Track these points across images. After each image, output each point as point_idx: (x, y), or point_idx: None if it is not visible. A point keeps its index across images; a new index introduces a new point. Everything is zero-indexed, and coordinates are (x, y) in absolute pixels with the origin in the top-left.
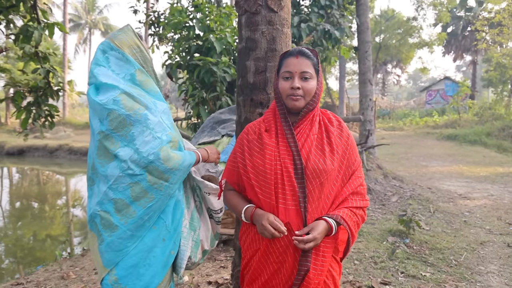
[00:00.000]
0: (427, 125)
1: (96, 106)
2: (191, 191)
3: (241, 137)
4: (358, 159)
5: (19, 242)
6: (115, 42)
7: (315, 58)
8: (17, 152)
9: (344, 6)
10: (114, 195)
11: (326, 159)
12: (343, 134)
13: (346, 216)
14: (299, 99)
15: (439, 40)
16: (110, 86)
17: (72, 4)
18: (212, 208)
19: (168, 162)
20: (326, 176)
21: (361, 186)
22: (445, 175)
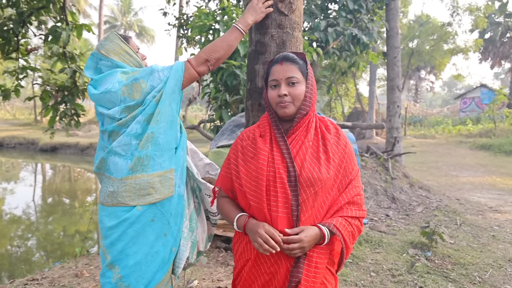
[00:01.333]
0: (460, 134)
1: (105, 96)
2: (191, 192)
3: (235, 143)
4: (356, 168)
5: (49, 236)
6: (102, 52)
7: (302, 61)
8: (50, 149)
9: (373, 10)
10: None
11: (321, 167)
12: (340, 142)
13: (340, 225)
14: (288, 105)
15: (475, 47)
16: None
17: (108, 6)
18: (210, 211)
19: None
20: (321, 185)
21: (358, 196)
22: (476, 186)
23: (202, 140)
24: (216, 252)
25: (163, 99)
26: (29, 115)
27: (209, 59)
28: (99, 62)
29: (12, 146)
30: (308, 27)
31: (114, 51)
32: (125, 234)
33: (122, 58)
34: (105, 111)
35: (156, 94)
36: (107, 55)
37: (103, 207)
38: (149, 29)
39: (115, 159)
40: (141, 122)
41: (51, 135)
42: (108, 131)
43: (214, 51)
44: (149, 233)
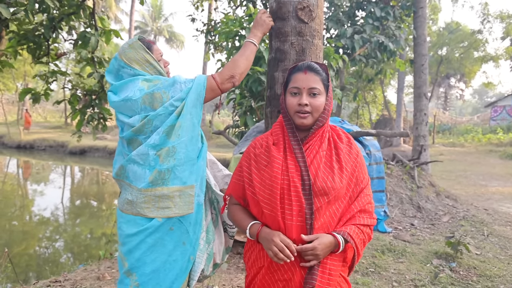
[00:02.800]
0: (490, 143)
1: (126, 104)
2: (209, 203)
3: (248, 150)
4: (366, 176)
5: (76, 238)
6: (124, 59)
7: (324, 73)
8: (79, 151)
9: (401, 18)
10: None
11: (335, 176)
12: (352, 151)
13: (354, 234)
14: (307, 117)
15: (506, 55)
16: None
17: (139, 11)
18: (228, 223)
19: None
20: (334, 193)
21: (369, 204)
22: (506, 197)
23: (229, 146)
24: (237, 258)
25: (184, 113)
26: (59, 118)
27: (234, 75)
28: (121, 69)
29: (42, 148)
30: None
31: (136, 60)
32: (144, 242)
33: (144, 67)
34: (125, 119)
35: (177, 105)
36: (129, 64)
37: (121, 215)
38: (179, 34)
39: (134, 168)
40: (160, 133)
41: (79, 138)
42: (126, 138)
43: (237, 67)
44: (168, 242)
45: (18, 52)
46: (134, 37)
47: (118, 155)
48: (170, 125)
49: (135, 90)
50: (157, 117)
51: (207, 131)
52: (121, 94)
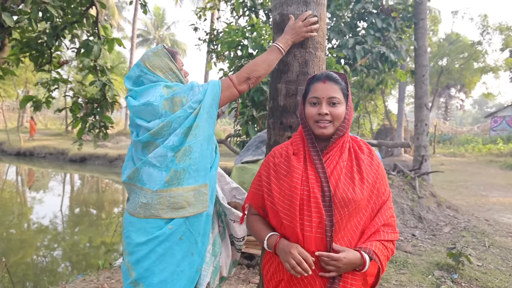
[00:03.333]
0: (491, 153)
1: (147, 108)
2: (216, 216)
3: (267, 160)
4: (388, 189)
5: (75, 247)
6: (148, 66)
7: (343, 82)
8: (79, 159)
9: (402, 29)
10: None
11: (355, 187)
12: (373, 163)
13: (378, 250)
14: (327, 126)
15: (505, 66)
16: (149, 87)
17: (142, 20)
18: (235, 236)
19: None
20: (355, 205)
21: (392, 217)
22: (506, 207)
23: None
24: (238, 269)
25: (201, 113)
26: (60, 126)
27: (250, 77)
28: (143, 75)
29: (42, 155)
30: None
31: (160, 67)
32: (153, 251)
33: (167, 75)
34: (144, 123)
35: (195, 107)
36: (153, 70)
37: (132, 221)
38: (181, 43)
39: (150, 170)
40: (179, 134)
41: (80, 147)
42: (142, 142)
43: (255, 70)
44: (177, 252)
45: (21, 59)
46: (158, 45)
47: (128, 161)
48: (188, 126)
49: (156, 96)
50: (176, 119)
51: None
52: (141, 99)
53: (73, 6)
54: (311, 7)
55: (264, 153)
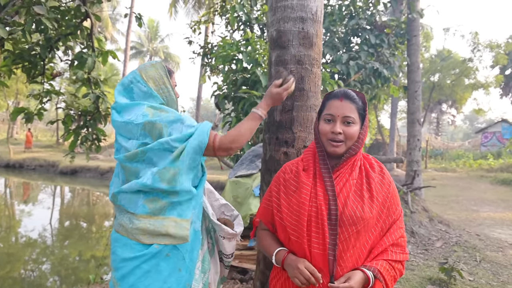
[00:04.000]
0: (481, 168)
1: (127, 126)
2: (205, 232)
3: (278, 175)
4: (399, 208)
5: (64, 261)
6: (143, 76)
7: (361, 102)
8: (70, 172)
9: (395, 45)
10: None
11: (364, 206)
12: (384, 181)
13: (383, 270)
14: (340, 146)
15: (496, 82)
16: (133, 105)
17: (136, 32)
18: (224, 252)
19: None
20: (363, 223)
21: (402, 237)
22: (497, 222)
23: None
24: (231, 284)
25: (182, 160)
26: (51, 137)
27: (232, 148)
28: (134, 82)
29: (32, 168)
30: (330, 60)
31: (154, 78)
32: (139, 268)
33: (158, 88)
34: (123, 141)
35: (174, 146)
36: (146, 80)
37: (117, 238)
38: (174, 55)
39: (128, 195)
40: (154, 173)
41: (71, 159)
42: (119, 160)
43: (238, 140)
44: (163, 268)
45: (13, 71)
46: (157, 59)
47: (115, 177)
48: (165, 167)
49: (139, 115)
50: (151, 150)
51: None
52: (124, 115)
53: (68, 18)
54: (307, 24)
55: (258, 168)
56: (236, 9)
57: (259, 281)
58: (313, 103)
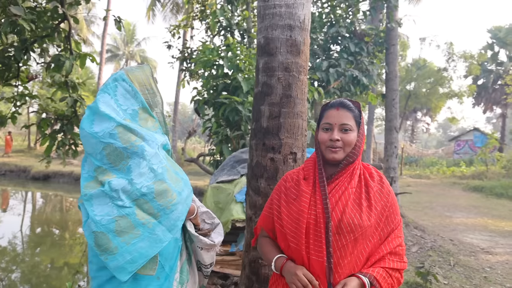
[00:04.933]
0: (454, 175)
1: (90, 139)
2: (183, 242)
3: (279, 184)
4: (398, 217)
5: (36, 269)
6: (129, 75)
7: (357, 110)
8: (43, 177)
9: (373, 53)
10: (96, 228)
11: (362, 214)
12: (383, 191)
13: (380, 277)
14: (338, 151)
15: (469, 92)
16: (106, 117)
17: (111, 35)
18: (203, 263)
19: (160, 198)
20: (361, 231)
21: (400, 246)
22: (469, 227)
23: (201, 173)
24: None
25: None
26: (22, 142)
27: None
28: (119, 80)
29: (2, 173)
30: (310, 67)
31: (140, 80)
32: (116, 277)
33: (144, 90)
34: (88, 155)
35: (123, 205)
36: (131, 80)
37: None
38: (151, 59)
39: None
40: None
41: (47, 164)
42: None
43: None
44: (141, 278)
45: None
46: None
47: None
48: (102, 230)
49: (105, 132)
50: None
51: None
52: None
53: (44, 19)
54: (295, 32)
55: (240, 173)
56: (217, 14)
57: (244, 285)
58: (300, 110)
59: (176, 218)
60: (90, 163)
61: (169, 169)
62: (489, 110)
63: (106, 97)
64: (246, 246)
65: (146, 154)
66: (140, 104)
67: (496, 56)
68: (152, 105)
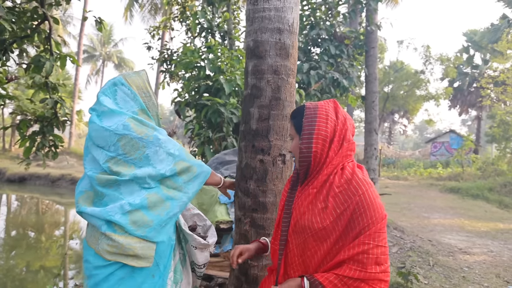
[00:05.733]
0: (431, 177)
1: (103, 132)
2: (177, 242)
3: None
4: (369, 221)
5: (11, 272)
6: (127, 80)
7: (296, 115)
8: (18, 179)
9: (353, 56)
10: (130, 207)
11: (315, 216)
12: (349, 191)
13: (327, 282)
14: (295, 160)
15: (445, 94)
16: (116, 112)
17: (88, 35)
18: (196, 263)
19: (183, 174)
20: (311, 233)
21: (364, 254)
22: (446, 228)
23: None
24: None
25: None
26: None
27: None
28: (119, 84)
29: None
30: None
31: (138, 85)
32: (113, 275)
33: (141, 94)
34: (92, 148)
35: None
36: (130, 85)
37: (89, 247)
38: (128, 60)
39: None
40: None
41: (27, 166)
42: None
43: None
44: (137, 275)
45: None
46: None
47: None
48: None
49: (119, 124)
50: (124, 182)
51: None
52: (104, 120)
53: (24, 20)
54: (284, 35)
55: (223, 175)
56: (197, 15)
57: (233, 286)
58: (289, 112)
59: (199, 184)
60: (93, 159)
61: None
62: (464, 112)
63: (108, 100)
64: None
65: (161, 142)
66: (139, 106)
67: (471, 59)
68: (149, 108)
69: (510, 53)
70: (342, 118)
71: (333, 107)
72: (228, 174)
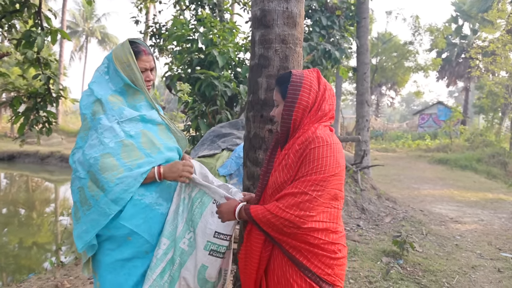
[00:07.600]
0: (419, 148)
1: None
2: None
3: None
4: (308, 171)
5: (3, 249)
6: (113, 55)
7: (282, 83)
8: (7, 157)
9: (345, 27)
10: (74, 198)
11: (280, 172)
12: (301, 151)
13: (253, 211)
14: (277, 125)
15: (434, 65)
16: (91, 92)
17: (70, 11)
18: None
19: (104, 171)
20: (275, 187)
21: (291, 196)
22: (437, 198)
23: None
24: None
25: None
26: None
27: None
28: (110, 62)
29: None
30: None
31: (120, 58)
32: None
33: (124, 67)
34: None
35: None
36: (114, 60)
37: None
38: (112, 36)
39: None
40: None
41: (21, 143)
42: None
43: None
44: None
45: None
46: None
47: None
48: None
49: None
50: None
51: None
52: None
53: None
54: (291, 3)
55: (220, 148)
56: None
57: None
58: None
59: (122, 191)
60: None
61: (131, 145)
62: (452, 83)
63: (99, 77)
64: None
65: (99, 127)
66: (122, 82)
67: (460, 30)
68: (134, 80)
69: (500, 22)
70: (322, 88)
71: (316, 77)
72: (226, 147)
